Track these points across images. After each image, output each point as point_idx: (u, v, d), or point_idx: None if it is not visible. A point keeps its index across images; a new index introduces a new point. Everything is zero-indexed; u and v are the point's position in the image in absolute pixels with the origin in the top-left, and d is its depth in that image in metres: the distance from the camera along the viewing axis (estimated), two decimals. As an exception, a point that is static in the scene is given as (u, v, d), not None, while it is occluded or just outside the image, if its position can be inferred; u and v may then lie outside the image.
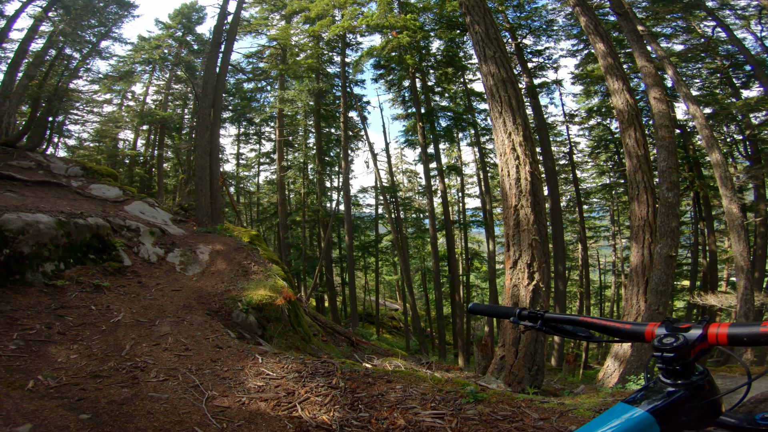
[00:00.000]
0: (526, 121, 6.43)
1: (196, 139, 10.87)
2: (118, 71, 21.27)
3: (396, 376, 3.53)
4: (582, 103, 21.36)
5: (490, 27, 6.98)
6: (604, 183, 22.52)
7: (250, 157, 26.79)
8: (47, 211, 5.34)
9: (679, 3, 13.83)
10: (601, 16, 15.06)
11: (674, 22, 16.05)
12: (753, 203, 15.54)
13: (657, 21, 15.76)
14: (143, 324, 4.17)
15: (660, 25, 16.23)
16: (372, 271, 25.47)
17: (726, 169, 10.87)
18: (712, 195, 16.59)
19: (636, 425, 0.70)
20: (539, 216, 5.77)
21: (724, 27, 13.30)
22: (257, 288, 5.56)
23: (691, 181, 16.89)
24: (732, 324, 0.76)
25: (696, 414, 0.74)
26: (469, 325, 21.84)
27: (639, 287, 8.14)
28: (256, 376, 3.40)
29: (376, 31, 18.31)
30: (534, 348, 5.56)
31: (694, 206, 18.33)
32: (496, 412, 2.75)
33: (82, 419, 2.48)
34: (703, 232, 17.59)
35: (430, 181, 18.87)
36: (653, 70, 9.11)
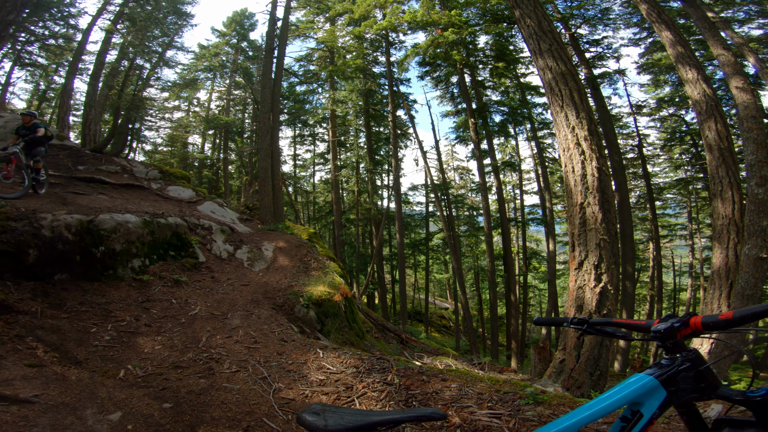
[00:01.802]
0: (590, 114, 6.11)
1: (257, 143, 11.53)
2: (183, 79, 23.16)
3: (451, 375, 3.53)
4: (651, 93, 19.69)
5: (542, 19, 6.76)
6: (680, 178, 20.56)
7: (306, 158, 27.87)
8: (134, 212, 5.97)
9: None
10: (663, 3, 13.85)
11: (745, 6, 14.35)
12: None
13: (726, 6, 14.22)
14: (217, 317, 4.54)
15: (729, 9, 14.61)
16: (422, 269, 25.42)
17: (832, 160, 9.49)
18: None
19: (644, 386, 1.01)
20: (608, 214, 5.47)
21: None
22: (317, 284, 5.80)
23: (786, 175, 14.92)
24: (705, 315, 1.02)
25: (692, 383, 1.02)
26: (525, 327, 21.09)
27: (721, 291, 7.41)
28: (317, 370, 3.56)
29: (419, 29, 18.20)
30: (598, 352, 5.30)
31: (789, 203, 16.19)
32: (556, 415, 2.67)
33: (165, 408, 2.75)
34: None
35: (484, 178, 18.41)
36: (732, 58, 8.24)
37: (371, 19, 18.30)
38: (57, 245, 4.80)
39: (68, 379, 2.98)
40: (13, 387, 2.67)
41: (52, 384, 2.83)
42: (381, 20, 18.29)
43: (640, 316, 23.46)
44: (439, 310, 28.48)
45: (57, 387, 2.81)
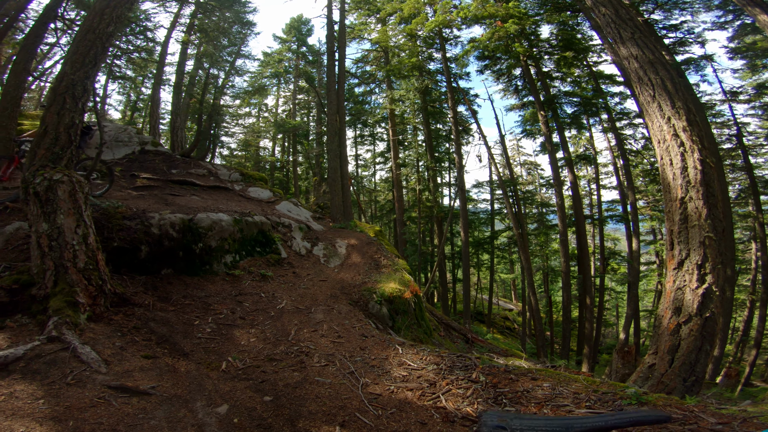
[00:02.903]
0: (688, 104, 5.64)
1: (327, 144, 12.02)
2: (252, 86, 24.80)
3: (541, 374, 3.43)
4: (747, 79, 17.40)
5: (619, 7, 6.45)
6: (789, 168, 17.88)
7: (367, 158, 28.47)
8: (225, 211, 6.52)
9: None
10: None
11: None
12: None
13: None
14: (302, 311, 4.81)
15: None
16: (485, 268, 24.75)
17: None
18: None
19: None
20: (714, 209, 4.98)
21: None
22: (388, 281, 5.92)
23: None
24: None
25: None
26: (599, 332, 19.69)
27: None
28: (398, 366, 3.63)
29: (474, 23, 17.73)
30: (696, 357, 4.88)
31: None
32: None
33: (266, 401, 2.88)
34: None
35: (557, 172, 17.45)
36: None
37: (421, 15, 18.22)
38: (164, 242, 5.38)
39: (178, 371, 3.17)
40: (134, 378, 2.90)
41: (165, 376, 3.03)
42: (432, 16, 18.11)
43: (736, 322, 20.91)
44: (503, 311, 27.56)
45: (170, 379, 3.00)
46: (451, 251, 23.82)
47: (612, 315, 26.50)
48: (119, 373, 2.95)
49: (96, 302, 3.85)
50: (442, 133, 22.86)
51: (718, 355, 14.11)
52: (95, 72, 5.21)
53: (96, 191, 6.39)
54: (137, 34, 17.79)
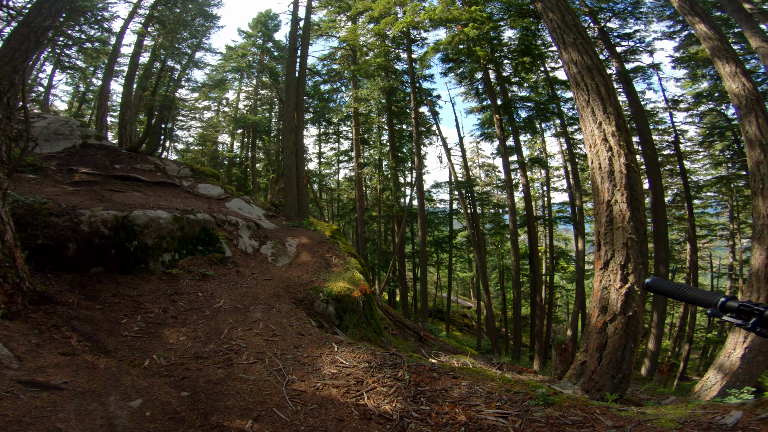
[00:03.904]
0: (618, 109, 5.92)
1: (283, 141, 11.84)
2: (212, 79, 24.04)
3: (462, 373, 3.54)
4: (688, 88, 18.73)
5: (566, 13, 6.59)
6: (720, 175, 19.44)
7: (330, 156, 28.26)
8: (166, 208, 6.29)
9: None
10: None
11: None
12: None
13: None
14: (239, 310, 4.74)
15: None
16: (444, 267, 25.30)
17: None
18: None
19: None
20: (636, 212, 5.30)
21: None
22: (337, 280, 5.93)
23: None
24: None
25: None
26: (549, 328, 20.62)
27: (759, 294, 7.03)
28: (330, 364, 3.67)
29: (440, 25, 18.01)
30: (622, 355, 5.15)
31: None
32: (565, 417, 2.64)
33: (183, 396, 2.93)
34: None
35: (510, 175, 18.08)
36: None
37: (391, 16, 18.30)
38: (94, 239, 5.13)
39: (97, 367, 3.21)
40: (46, 374, 2.90)
41: (81, 372, 3.05)
42: (401, 17, 18.26)
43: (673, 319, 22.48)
44: (462, 308, 28.25)
45: (86, 375, 3.03)
46: (412, 250, 24.15)
47: (563, 312, 27.82)
48: (32, 368, 2.94)
49: (12, 300, 3.76)
50: (406, 134, 23.09)
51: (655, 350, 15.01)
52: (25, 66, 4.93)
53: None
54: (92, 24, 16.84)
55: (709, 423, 2.46)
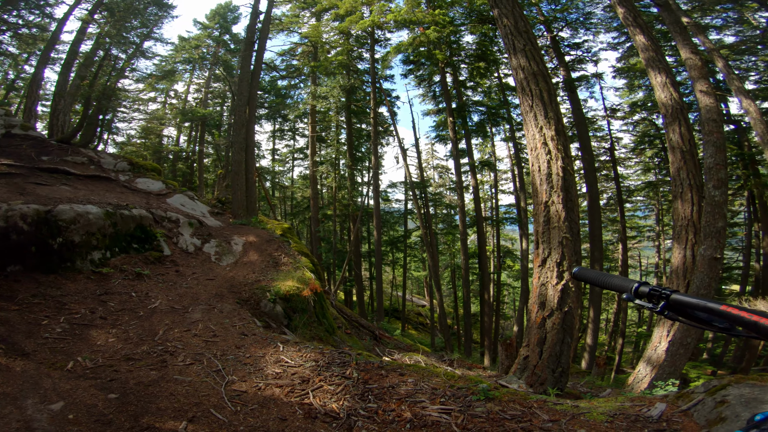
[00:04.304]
0: (558, 115, 6.20)
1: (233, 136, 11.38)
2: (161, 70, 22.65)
3: (409, 370, 3.57)
4: (625, 97, 20.31)
5: (519, 19, 6.74)
6: (649, 181, 21.31)
7: (285, 153, 27.60)
8: (96, 203, 5.80)
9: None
10: (642, 8, 14.19)
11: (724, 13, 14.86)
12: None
13: (704, 12, 14.73)
14: (177, 311, 4.47)
15: (708, 16, 15.10)
16: (400, 266, 25.59)
17: (784, 167, 10.04)
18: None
19: None
20: (571, 213, 5.59)
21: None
22: (286, 279, 5.78)
23: (746, 179, 15.65)
24: None
25: None
26: (498, 324, 21.49)
27: (679, 288, 7.72)
28: (275, 364, 3.56)
29: (404, 27, 18.25)
30: (560, 349, 5.41)
31: (748, 206, 16.99)
32: (505, 411, 2.73)
33: (110, 398, 2.73)
34: (757, 233, 16.30)
35: (461, 177, 18.64)
36: (699, 62, 8.54)
37: (357, 14, 18.23)
38: (10, 236, 4.63)
39: (12, 370, 2.92)
40: None
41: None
42: (367, 16, 18.24)
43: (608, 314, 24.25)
44: (417, 307, 28.71)
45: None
46: (368, 249, 24.18)
47: (510, 308, 29.12)
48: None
49: None
50: (364, 133, 23.08)
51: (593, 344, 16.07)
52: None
53: None
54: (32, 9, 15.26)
55: (636, 416, 2.64)
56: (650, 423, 2.54)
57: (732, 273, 17.54)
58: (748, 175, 15.58)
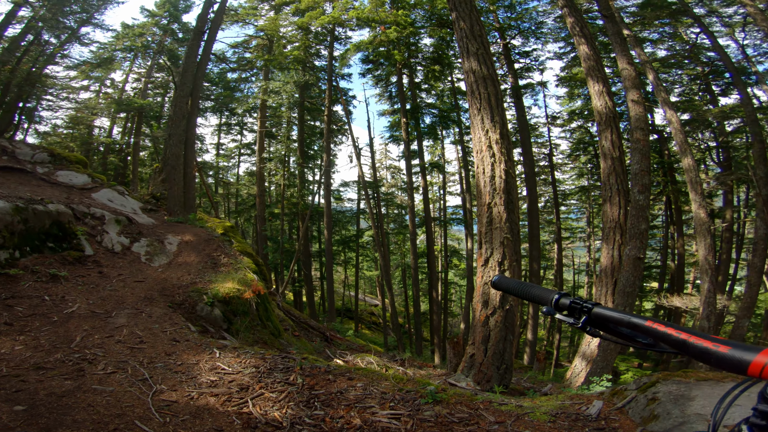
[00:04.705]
0: (504, 119, 6.36)
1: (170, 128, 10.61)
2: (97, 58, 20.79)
3: (358, 374, 3.49)
4: (565, 105, 21.69)
5: (475, 24, 6.83)
6: (582, 185, 22.96)
7: (231, 148, 26.41)
8: (4, 197, 5.12)
9: (667, 9, 13.95)
10: (590, 20, 15.10)
11: (661, 27, 16.17)
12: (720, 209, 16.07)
13: (644, 26, 15.91)
14: (98, 315, 4.04)
15: (647, 30, 16.37)
16: (352, 266, 25.46)
17: (697, 175, 11.20)
18: (683, 200, 17.09)
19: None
20: (512, 214, 5.76)
21: (708, 34, 13.37)
22: (225, 281, 5.46)
23: (664, 185, 17.36)
24: None
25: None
26: (446, 322, 22.05)
27: (608, 288, 8.30)
28: (210, 371, 3.33)
29: (366, 25, 18.20)
30: (503, 347, 5.58)
31: (666, 210, 18.86)
32: (452, 414, 2.74)
33: (17, 410, 2.39)
34: (672, 235, 18.15)
35: (411, 178, 18.91)
36: (633, 73, 9.22)
37: (318, 10, 17.87)
38: None
39: None
40: None
41: None
42: (329, 12, 17.91)
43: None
44: (370, 306, 28.72)
45: None
46: (319, 249, 23.78)
47: (457, 306, 30.03)
48: None
49: None
50: (318, 131, 22.65)
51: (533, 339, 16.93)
52: None
53: None
54: None
55: (576, 414, 2.75)
56: (590, 422, 2.65)
57: (651, 271, 19.33)
58: (667, 182, 17.29)
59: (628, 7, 15.60)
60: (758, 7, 10.88)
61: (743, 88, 12.66)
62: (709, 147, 17.90)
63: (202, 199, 23.02)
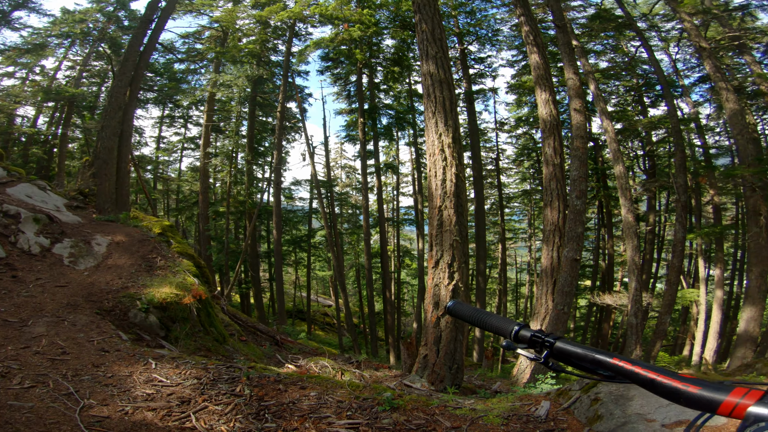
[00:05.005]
0: (456, 123, 6.44)
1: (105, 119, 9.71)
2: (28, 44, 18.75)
3: (311, 382, 3.38)
4: (513, 112, 22.75)
5: (436, 27, 6.85)
6: (525, 189, 24.27)
7: (173, 142, 24.83)
8: None
9: (614, 21, 14.80)
10: (543, 30, 15.76)
11: (606, 39, 17.22)
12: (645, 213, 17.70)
13: (591, 37, 16.80)
14: (12, 324, 3.58)
15: (593, 41, 17.37)
16: (303, 266, 24.94)
17: (626, 181, 12.20)
18: (614, 204, 18.59)
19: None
20: (461, 217, 5.89)
21: (646, 48, 14.10)
22: (162, 285, 5.08)
23: (598, 190, 18.79)
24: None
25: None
26: (400, 321, 22.28)
27: (548, 287, 8.77)
28: (145, 383, 3.07)
29: (329, 23, 17.91)
30: (453, 347, 5.67)
31: (598, 213, 20.41)
32: (410, 421, 2.73)
33: None
34: (604, 237, 19.71)
35: (366, 178, 18.90)
36: (578, 83, 9.71)
37: (279, 4, 17.21)
38: None
39: None
40: None
41: None
42: (291, 7, 17.32)
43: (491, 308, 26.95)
44: (323, 307, 28.34)
45: None
46: (268, 249, 23.02)
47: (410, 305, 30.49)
48: None
49: None
50: (270, 127, 21.95)
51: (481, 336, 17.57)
52: None
53: None
54: None
55: (527, 416, 2.85)
56: (540, 423, 2.75)
57: (585, 270, 20.82)
58: (600, 187, 18.72)
59: (579, 19, 16.44)
60: (694, 23, 11.90)
61: (670, 100, 13.66)
62: (637, 155, 19.66)
63: (138, 196, 21.40)
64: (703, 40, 11.32)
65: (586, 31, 16.28)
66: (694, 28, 11.70)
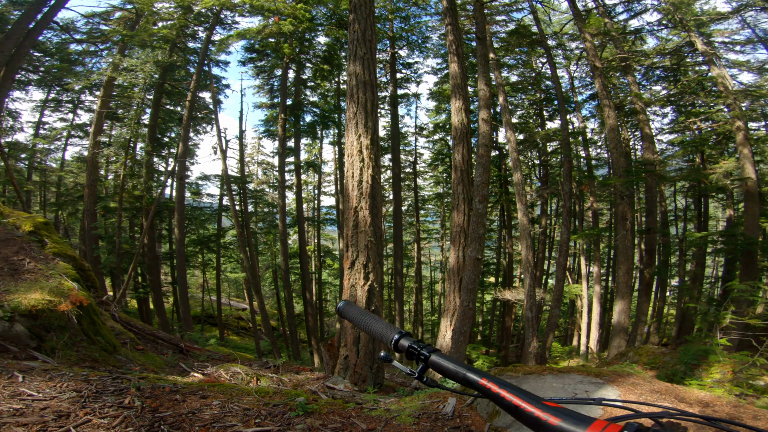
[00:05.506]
0: (376, 125, 6.51)
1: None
2: None
3: (213, 391, 3.20)
4: (432, 118, 23.96)
5: (368, 29, 6.83)
6: (438, 192, 25.73)
7: (57, 128, 21.44)
8: None
9: (529, 38, 16.17)
10: (467, 41, 16.55)
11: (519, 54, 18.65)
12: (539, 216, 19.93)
13: (507, 52, 18.20)
14: None
15: (508, 56, 18.80)
16: (212, 268, 23.28)
17: (523, 188, 13.61)
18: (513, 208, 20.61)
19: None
20: (376, 219, 5.98)
21: (551, 65, 15.29)
22: (30, 291, 4.42)
23: (500, 196, 20.69)
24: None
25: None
26: (323, 323, 21.98)
27: (455, 285, 9.41)
28: (11, 398, 2.67)
29: (259, 14, 16.96)
30: (373, 347, 5.74)
31: (500, 216, 22.45)
32: (326, 425, 2.71)
33: None
34: (505, 237, 21.75)
35: (284, 176, 18.34)
36: (488, 94, 10.34)
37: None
38: None
39: None
40: None
41: None
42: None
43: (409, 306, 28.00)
44: (237, 311, 26.78)
45: None
46: (170, 250, 21.03)
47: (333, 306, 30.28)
48: None
49: None
50: (177, 117, 20.06)
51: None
52: None
53: None
54: None
55: (435, 414, 2.99)
56: (447, 420, 2.91)
57: (489, 268, 22.72)
58: (502, 192, 20.61)
59: (500, 33, 17.71)
60: (594, 44, 13.48)
61: (564, 115, 15.16)
62: (534, 164, 22.03)
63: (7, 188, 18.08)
64: (598, 60, 12.96)
65: (503, 45, 17.60)
66: (593, 47, 13.19)
